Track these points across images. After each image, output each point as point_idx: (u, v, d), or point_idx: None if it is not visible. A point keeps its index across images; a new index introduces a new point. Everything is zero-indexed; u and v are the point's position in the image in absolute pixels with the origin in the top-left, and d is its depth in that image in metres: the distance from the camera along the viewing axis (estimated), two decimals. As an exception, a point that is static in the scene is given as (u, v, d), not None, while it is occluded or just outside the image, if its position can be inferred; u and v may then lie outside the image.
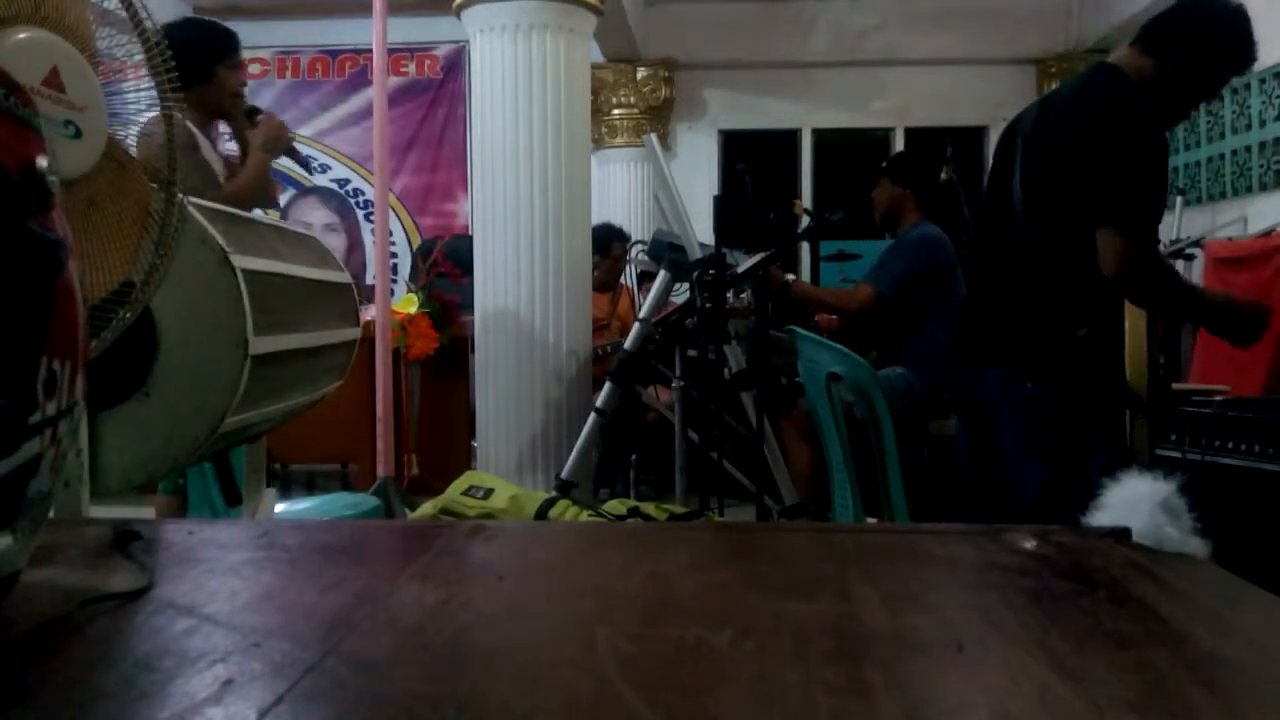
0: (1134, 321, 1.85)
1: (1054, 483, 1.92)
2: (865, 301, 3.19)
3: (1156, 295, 1.90)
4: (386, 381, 3.36)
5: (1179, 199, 5.13)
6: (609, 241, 4.49)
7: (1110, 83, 1.96)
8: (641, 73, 6.48)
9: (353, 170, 6.18)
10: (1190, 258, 4.74)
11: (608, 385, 3.26)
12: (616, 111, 6.48)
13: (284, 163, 2.84)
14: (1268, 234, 4.13)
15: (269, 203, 2.90)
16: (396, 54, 5.89)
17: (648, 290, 3.57)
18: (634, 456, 4.33)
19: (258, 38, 6.51)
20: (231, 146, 2.67)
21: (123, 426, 1.23)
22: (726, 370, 2.97)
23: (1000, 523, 0.85)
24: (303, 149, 2.90)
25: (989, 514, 2.11)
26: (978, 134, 6.50)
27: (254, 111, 2.64)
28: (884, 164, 3.41)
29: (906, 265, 3.19)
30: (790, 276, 3.26)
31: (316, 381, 1.67)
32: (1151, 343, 1.87)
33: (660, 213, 5.49)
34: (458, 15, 3.90)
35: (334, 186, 6.21)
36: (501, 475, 3.26)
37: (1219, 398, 2.73)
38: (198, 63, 2.47)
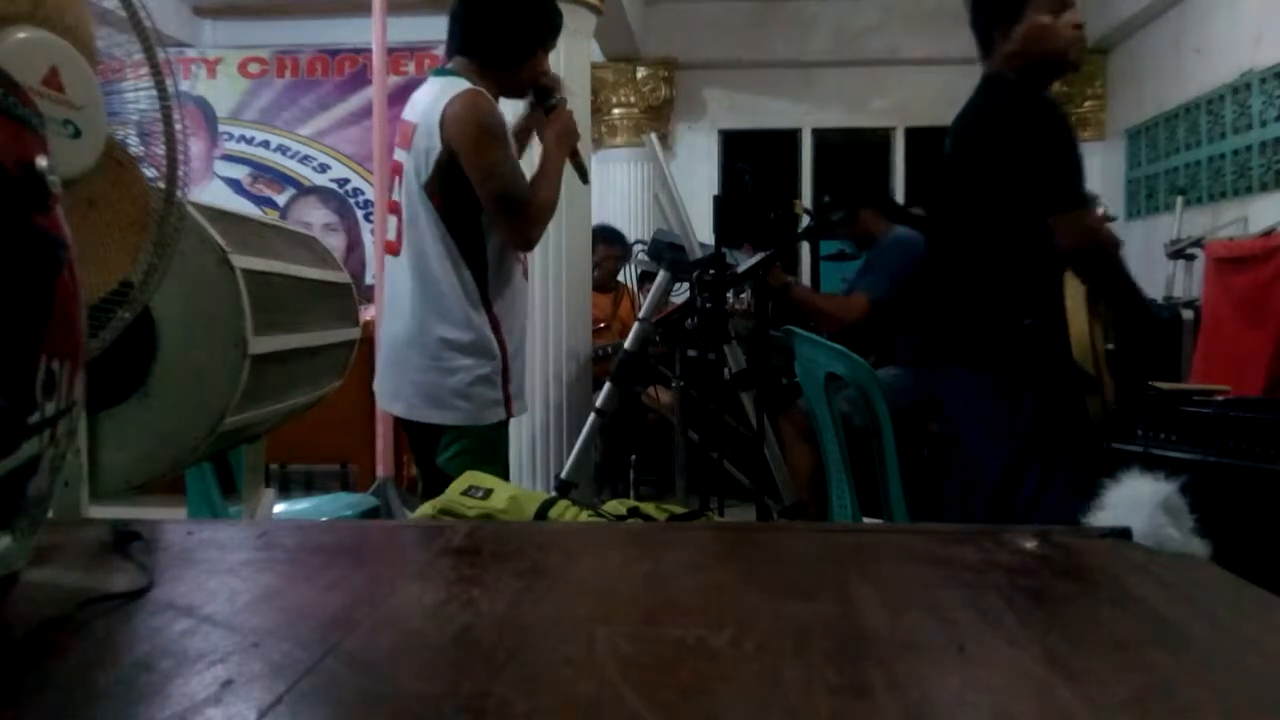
0: (1074, 306, 1.99)
1: (1013, 471, 2.06)
2: (862, 313, 3.21)
3: (1106, 265, 2.04)
4: (386, 381, 3.35)
5: (1179, 199, 5.12)
6: (594, 242, 4.47)
7: (1001, 89, 2.11)
8: (641, 72, 6.48)
9: (352, 170, 6.16)
10: (1190, 258, 4.73)
11: (607, 385, 3.26)
12: (616, 111, 6.47)
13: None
14: (1268, 234, 4.12)
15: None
16: (396, 54, 5.86)
17: (648, 290, 3.56)
18: (634, 456, 4.33)
19: (257, 37, 6.51)
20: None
21: (123, 426, 1.23)
22: (726, 370, 2.97)
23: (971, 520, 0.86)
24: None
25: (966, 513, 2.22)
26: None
27: (547, 94, 2.12)
28: (834, 217, 3.36)
29: (893, 266, 3.20)
30: (790, 279, 3.27)
31: (316, 381, 1.67)
32: (1093, 323, 1.99)
33: (660, 213, 5.48)
34: (458, 15, 3.90)
35: (334, 186, 6.19)
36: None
37: (1219, 398, 2.72)
38: (527, 42, 2.07)
